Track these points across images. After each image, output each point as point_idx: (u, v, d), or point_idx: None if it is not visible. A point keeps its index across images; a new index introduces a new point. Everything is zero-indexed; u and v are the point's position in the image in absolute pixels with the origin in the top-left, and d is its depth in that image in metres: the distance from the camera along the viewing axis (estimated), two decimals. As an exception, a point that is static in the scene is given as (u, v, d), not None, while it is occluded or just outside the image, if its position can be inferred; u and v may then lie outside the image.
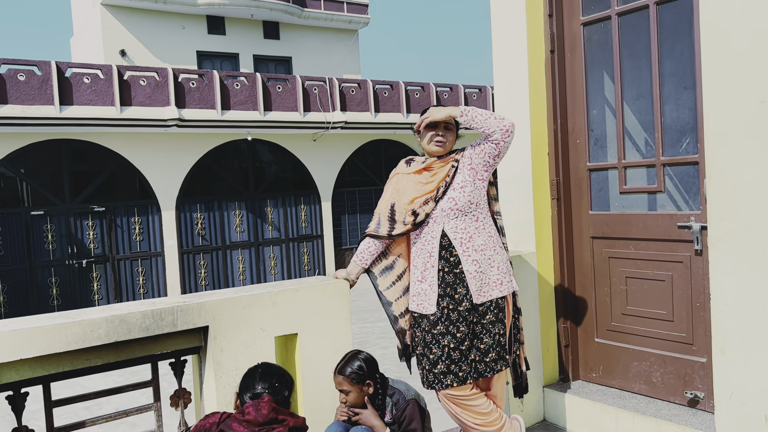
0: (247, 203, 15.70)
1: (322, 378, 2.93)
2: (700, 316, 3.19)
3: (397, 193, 2.98)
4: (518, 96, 3.79)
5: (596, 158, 3.73)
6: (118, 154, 13.76)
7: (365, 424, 2.69)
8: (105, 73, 12.83)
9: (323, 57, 20.53)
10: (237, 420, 2.05)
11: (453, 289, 2.84)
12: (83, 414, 4.59)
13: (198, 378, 2.81)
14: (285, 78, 15.27)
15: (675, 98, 3.40)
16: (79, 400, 2.55)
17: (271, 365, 2.29)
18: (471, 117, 2.83)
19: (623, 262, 3.54)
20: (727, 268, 2.78)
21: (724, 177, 2.77)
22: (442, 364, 2.81)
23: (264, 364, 2.29)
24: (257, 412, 2.06)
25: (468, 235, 2.85)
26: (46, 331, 2.30)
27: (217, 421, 2.09)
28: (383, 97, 16.56)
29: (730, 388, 2.80)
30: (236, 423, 2.04)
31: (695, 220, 3.16)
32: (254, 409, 2.06)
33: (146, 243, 14.35)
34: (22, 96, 11.91)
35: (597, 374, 3.74)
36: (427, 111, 2.94)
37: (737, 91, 2.71)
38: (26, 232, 12.99)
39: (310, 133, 16.16)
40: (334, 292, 3.01)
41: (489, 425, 2.92)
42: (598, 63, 3.73)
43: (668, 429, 3.14)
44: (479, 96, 18.18)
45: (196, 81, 13.90)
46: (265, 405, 2.07)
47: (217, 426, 2.06)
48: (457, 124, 2.95)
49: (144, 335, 2.52)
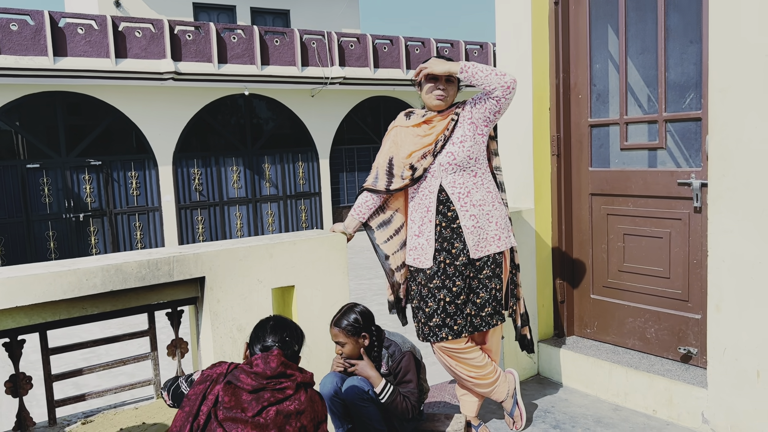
0: (244, 159, 15.61)
1: (319, 330, 2.95)
2: (697, 273, 3.20)
3: (396, 147, 2.94)
4: (520, 49, 3.72)
5: (598, 114, 3.68)
6: (114, 108, 13.60)
7: (361, 374, 2.71)
8: (99, 23, 12.57)
9: (322, 10, 20.12)
10: (245, 371, 2.03)
11: (450, 244, 2.83)
12: (83, 365, 4.64)
13: (195, 328, 2.82)
14: (282, 31, 14.99)
15: (680, 53, 3.34)
16: (75, 348, 2.56)
17: (283, 318, 2.25)
18: (471, 73, 2.75)
19: (621, 219, 3.53)
20: (725, 224, 2.77)
21: (727, 133, 2.74)
22: (437, 317, 2.83)
23: (276, 317, 2.25)
24: (266, 364, 2.03)
25: (466, 190, 2.83)
26: (41, 279, 2.29)
27: (224, 372, 2.06)
28: (383, 53, 16.31)
29: (724, 344, 2.82)
30: (244, 374, 2.02)
31: (695, 177, 3.14)
32: (263, 362, 2.04)
33: (143, 198, 14.31)
34: (15, 46, 11.69)
35: (592, 330, 3.77)
36: (427, 61, 2.87)
37: (744, 44, 2.65)
38: (22, 185, 12.93)
39: (308, 89, 15.96)
40: (331, 246, 3.00)
41: (483, 378, 2.95)
42: (602, 16, 3.64)
43: (660, 384, 3.18)
44: (480, 52, 17.92)
45: (192, 33, 13.64)
46: (274, 358, 2.05)
47: (224, 377, 2.04)
48: (458, 78, 2.89)
49: (140, 285, 2.51)
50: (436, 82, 2.83)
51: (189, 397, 2.04)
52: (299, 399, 2.03)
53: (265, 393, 1.99)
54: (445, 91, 2.84)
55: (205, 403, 1.98)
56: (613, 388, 3.41)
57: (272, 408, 1.97)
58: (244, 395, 1.98)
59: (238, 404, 1.96)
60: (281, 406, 1.98)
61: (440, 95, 2.83)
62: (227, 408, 1.95)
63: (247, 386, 1.99)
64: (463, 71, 2.75)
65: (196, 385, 2.06)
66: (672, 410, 3.14)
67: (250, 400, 1.97)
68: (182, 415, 2.00)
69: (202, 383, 2.05)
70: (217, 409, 1.96)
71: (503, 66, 3.83)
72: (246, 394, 1.98)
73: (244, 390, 1.99)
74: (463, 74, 2.76)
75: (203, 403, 1.99)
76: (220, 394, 1.98)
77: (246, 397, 1.98)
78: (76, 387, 5.84)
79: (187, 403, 2.02)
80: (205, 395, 2.01)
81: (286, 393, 2.02)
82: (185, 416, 1.99)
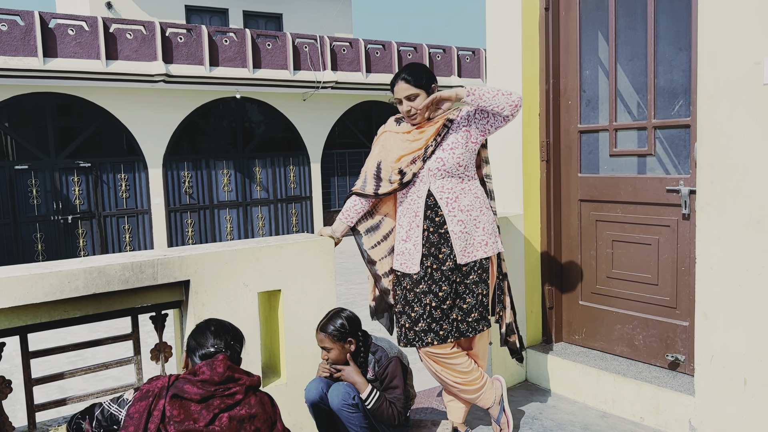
0: (235, 162, 15.56)
1: (305, 334, 2.92)
2: (685, 280, 3.19)
3: (385, 151, 2.93)
4: (510, 55, 3.72)
5: (587, 120, 3.68)
6: (104, 110, 13.52)
7: (347, 380, 2.69)
8: (90, 25, 12.51)
9: (315, 15, 20.11)
10: (189, 381, 1.95)
11: (437, 249, 2.81)
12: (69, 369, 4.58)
13: (179, 332, 2.79)
14: (275, 35, 14.97)
15: (669, 59, 3.34)
16: (56, 352, 2.52)
17: (222, 322, 2.17)
18: (478, 96, 2.73)
19: (610, 225, 3.53)
20: (714, 231, 2.77)
21: (715, 140, 2.74)
22: (423, 322, 2.81)
23: (215, 321, 2.17)
24: (212, 371, 1.97)
25: (454, 195, 2.82)
26: (22, 281, 2.26)
27: (166, 385, 1.98)
28: (375, 57, 16.32)
29: (711, 352, 2.82)
30: (189, 384, 1.94)
31: (684, 184, 3.14)
32: (209, 368, 1.97)
33: (133, 200, 14.23)
34: (4, 47, 11.61)
35: (580, 336, 3.76)
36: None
37: (732, 52, 2.65)
38: (10, 187, 12.82)
39: (300, 93, 15.94)
40: (319, 250, 2.98)
41: (469, 384, 2.93)
42: (592, 22, 3.65)
43: (648, 391, 3.17)
44: (472, 59, 17.97)
45: (183, 36, 13.60)
46: (220, 363, 1.98)
47: (166, 390, 1.95)
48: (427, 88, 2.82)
49: (123, 288, 2.48)
50: (401, 104, 2.84)
51: (131, 415, 1.93)
52: (249, 403, 1.99)
53: (215, 400, 1.94)
54: (411, 102, 2.81)
55: (152, 421, 1.90)
56: (601, 395, 3.40)
57: (224, 415, 1.92)
58: (192, 406, 1.92)
59: (188, 416, 1.90)
60: (232, 412, 1.94)
61: (407, 111, 2.83)
62: (178, 422, 1.88)
63: (194, 396, 1.92)
64: (470, 94, 2.73)
65: (136, 402, 1.96)
66: (659, 417, 3.13)
67: (200, 409, 1.92)
68: None
69: (143, 399, 1.96)
70: (166, 424, 1.89)
71: (493, 71, 3.82)
72: (194, 404, 1.92)
73: (192, 401, 1.93)
74: (470, 97, 2.73)
75: (149, 421, 1.91)
76: (167, 409, 1.90)
77: (195, 407, 1.92)
78: (61, 391, 5.78)
79: (130, 423, 1.92)
80: (150, 412, 1.92)
81: (236, 398, 1.97)
82: None
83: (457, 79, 17.38)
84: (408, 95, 2.80)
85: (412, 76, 2.81)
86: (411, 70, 2.84)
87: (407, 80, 2.80)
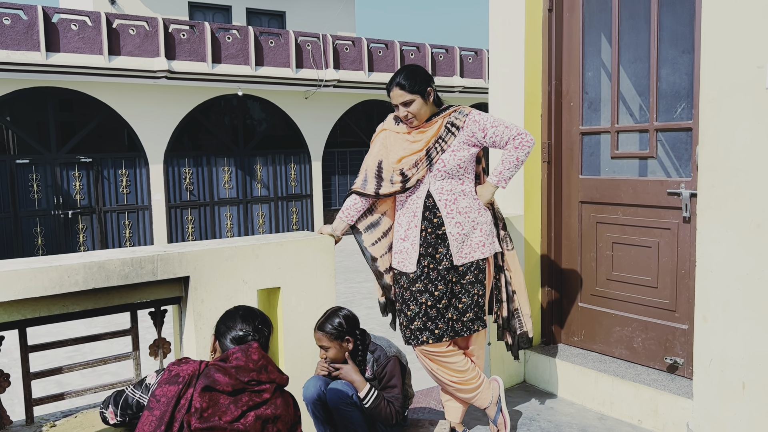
0: (236, 160, 15.54)
1: (304, 332, 2.92)
2: (684, 283, 3.19)
3: (385, 150, 2.93)
4: (513, 55, 3.71)
5: (589, 122, 3.67)
6: (106, 105, 13.51)
7: (345, 378, 2.69)
8: (93, 20, 12.50)
9: (318, 13, 20.09)
10: (221, 369, 1.89)
11: (434, 249, 2.83)
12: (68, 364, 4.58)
13: (178, 328, 2.79)
14: (278, 33, 14.95)
15: (672, 62, 3.34)
16: (54, 346, 2.51)
17: (250, 307, 2.16)
18: (507, 178, 2.87)
19: (611, 227, 3.53)
20: (714, 235, 2.77)
21: (717, 143, 2.74)
22: (418, 320, 2.82)
23: (243, 306, 2.16)
24: (247, 357, 1.91)
25: (453, 197, 2.83)
26: (21, 275, 2.26)
27: (196, 372, 1.91)
28: (378, 56, 16.30)
29: (710, 355, 2.81)
30: (220, 373, 1.88)
31: (685, 187, 3.14)
32: (243, 354, 1.92)
33: (133, 196, 14.21)
34: (7, 41, 11.60)
35: (579, 338, 3.76)
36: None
37: (735, 56, 2.65)
38: (11, 181, 12.81)
39: (302, 91, 15.93)
40: (319, 248, 2.97)
41: (465, 383, 2.94)
42: (596, 24, 3.64)
43: (646, 393, 3.17)
44: (475, 59, 17.95)
45: (186, 32, 13.59)
46: (255, 351, 1.94)
47: (197, 378, 1.89)
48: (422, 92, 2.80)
49: (123, 283, 2.48)
50: (397, 109, 2.85)
51: (157, 397, 1.87)
52: (275, 403, 1.96)
53: (244, 396, 1.90)
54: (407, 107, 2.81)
55: (179, 409, 1.85)
56: (599, 397, 3.40)
57: (251, 413, 1.89)
58: (222, 399, 1.87)
59: (215, 410, 1.85)
60: (259, 411, 1.91)
61: (405, 116, 2.83)
62: (204, 417, 1.83)
63: (226, 387, 1.88)
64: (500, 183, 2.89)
65: (163, 384, 1.89)
66: (657, 420, 3.13)
67: (228, 403, 1.87)
68: (151, 418, 1.85)
69: (172, 383, 1.89)
70: (191, 415, 1.84)
71: (495, 72, 3.82)
72: (224, 397, 1.88)
73: (224, 392, 1.88)
74: (502, 183, 2.89)
75: (176, 409, 1.85)
76: (197, 400, 1.85)
77: (224, 400, 1.87)
78: (60, 386, 5.78)
79: (156, 406, 1.86)
80: (179, 399, 1.86)
81: (263, 397, 1.93)
82: (156, 421, 1.84)
83: (459, 80, 17.36)
84: (404, 101, 2.80)
85: (407, 81, 2.79)
86: (406, 75, 2.81)
87: (402, 86, 2.79)
